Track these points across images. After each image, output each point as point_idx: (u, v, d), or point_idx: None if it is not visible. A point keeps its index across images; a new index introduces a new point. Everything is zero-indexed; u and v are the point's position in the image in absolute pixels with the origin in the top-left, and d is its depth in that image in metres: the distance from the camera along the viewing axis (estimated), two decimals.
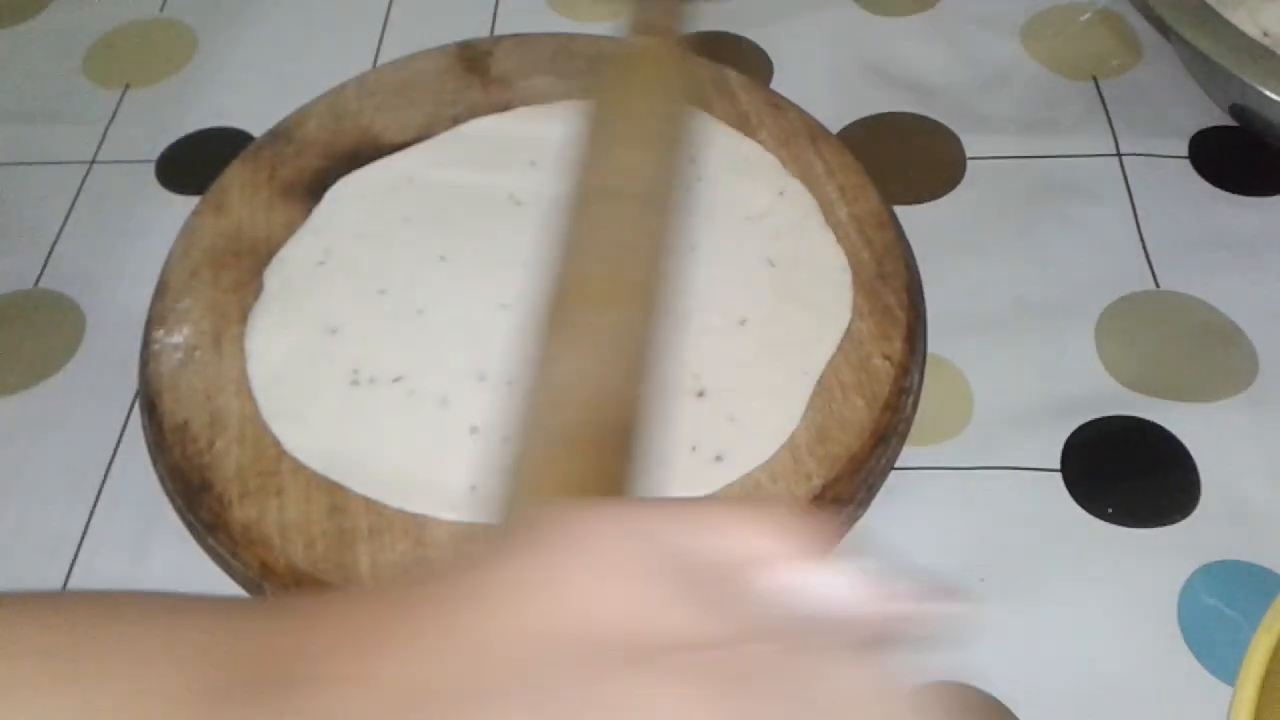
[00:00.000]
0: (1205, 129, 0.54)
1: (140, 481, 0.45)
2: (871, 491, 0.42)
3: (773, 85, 0.56)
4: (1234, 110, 0.53)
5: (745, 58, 0.58)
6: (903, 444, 0.43)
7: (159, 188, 0.55)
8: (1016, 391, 0.46)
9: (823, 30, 0.60)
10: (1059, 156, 0.54)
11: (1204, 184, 0.52)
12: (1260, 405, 0.45)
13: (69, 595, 0.39)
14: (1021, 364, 0.47)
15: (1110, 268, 0.50)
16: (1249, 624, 0.39)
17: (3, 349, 0.50)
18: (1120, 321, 0.48)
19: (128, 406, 0.47)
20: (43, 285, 0.52)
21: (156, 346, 0.45)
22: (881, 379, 0.42)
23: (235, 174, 0.51)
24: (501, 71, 0.54)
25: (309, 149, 0.51)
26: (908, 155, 0.54)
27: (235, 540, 0.40)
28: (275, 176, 0.50)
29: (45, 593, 0.40)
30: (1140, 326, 0.48)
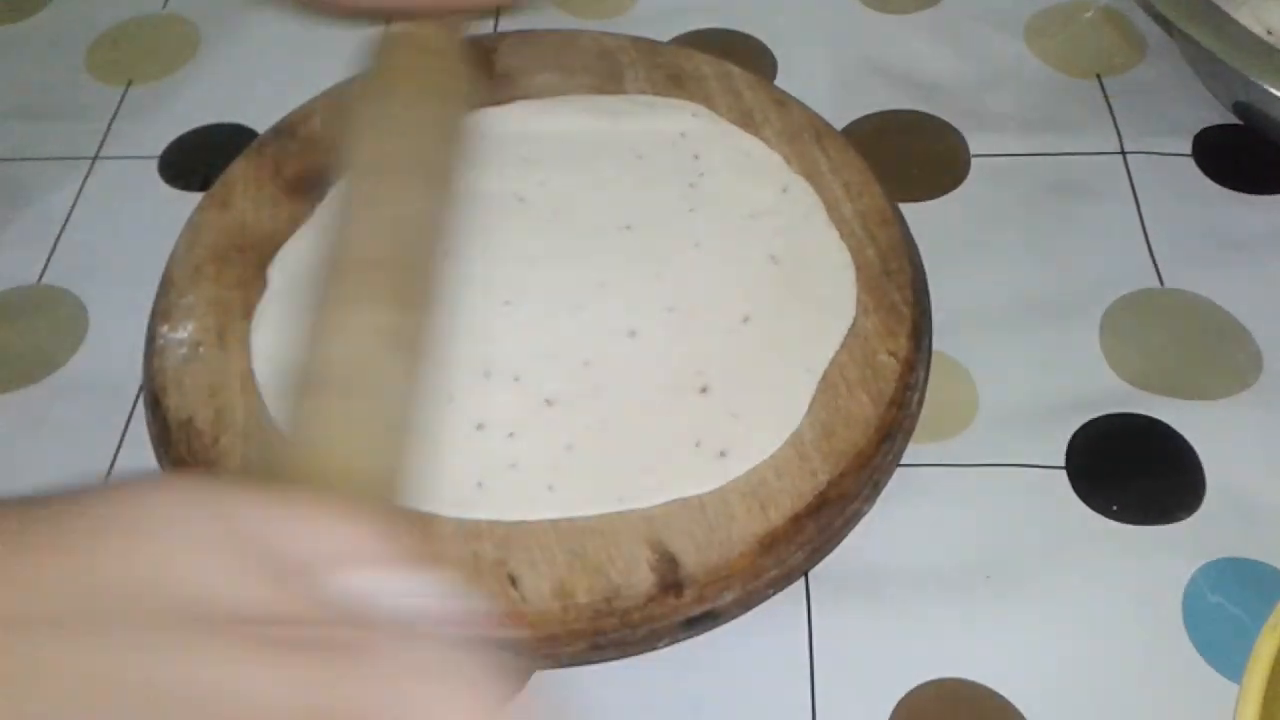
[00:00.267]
0: (1209, 127, 0.54)
1: None
2: (877, 488, 0.42)
3: (777, 82, 0.56)
4: (1238, 108, 0.53)
5: (749, 54, 0.58)
6: (908, 441, 0.43)
7: (162, 184, 0.55)
8: (1021, 389, 0.46)
9: (827, 27, 0.60)
10: (1063, 154, 0.54)
11: (1208, 182, 0.52)
12: (1265, 403, 0.45)
13: None
14: (1026, 361, 0.47)
15: (1114, 265, 0.50)
16: (1254, 621, 0.39)
17: (6, 345, 0.50)
18: (1125, 319, 0.48)
19: (131, 402, 0.47)
20: (46, 281, 0.52)
21: (161, 342, 0.45)
22: (887, 376, 0.42)
23: (239, 170, 0.50)
24: (505, 68, 0.54)
25: (313, 145, 0.51)
26: (912, 152, 0.54)
27: None
28: (279, 173, 0.50)
29: None
30: (1145, 324, 0.48)
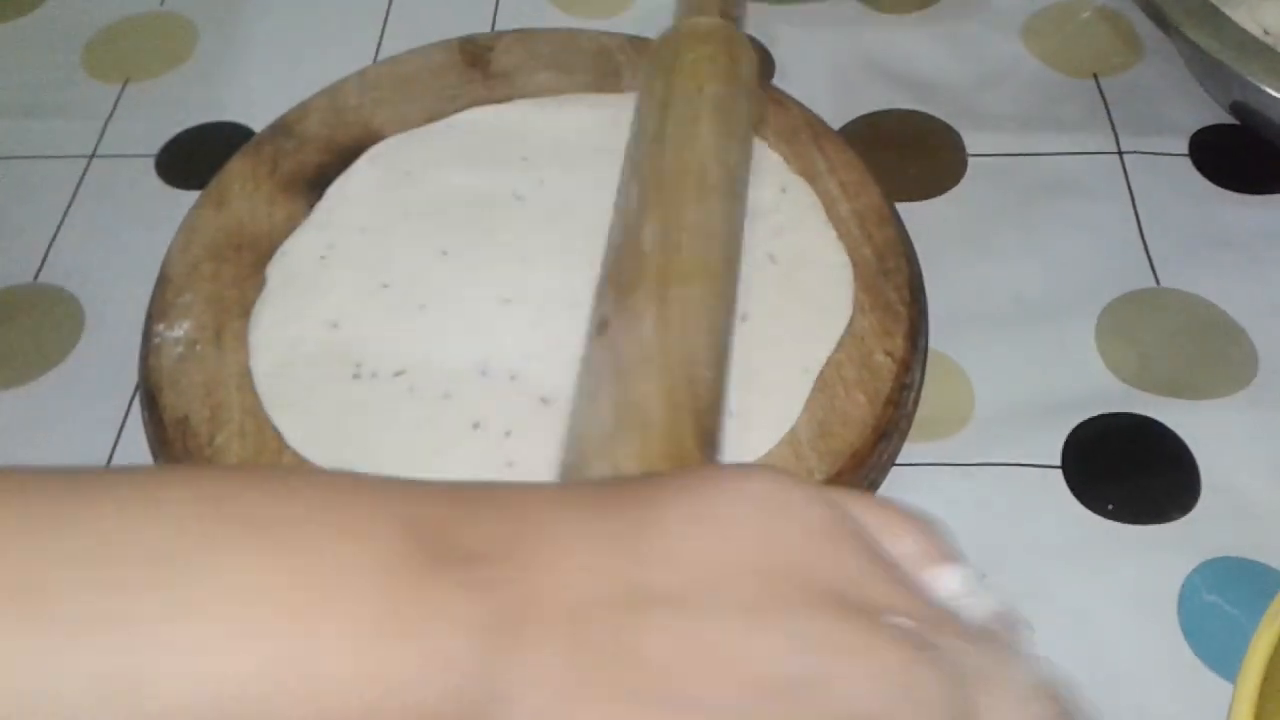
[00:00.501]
0: (1206, 127, 0.54)
1: None
2: (873, 487, 0.42)
3: (774, 82, 0.56)
4: (1235, 108, 0.53)
5: None
6: (904, 440, 0.43)
7: (159, 182, 0.55)
8: (1017, 388, 0.46)
9: (824, 27, 0.60)
10: (1060, 154, 0.54)
11: (1204, 182, 0.52)
12: (1260, 403, 0.45)
13: (257, 469, 0.39)
14: (1022, 361, 0.47)
15: (1111, 265, 0.50)
16: (1249, 621, 0.39)
17: (2, 343, 0.49)
18: (1121, 319, 0.48)
19: (128, 401, 0.47)
20: (42, 280, 0.52)
21: (157, 340, 0.45)
22: (883, 375, 0.42)
23: (236, 168, 0.50)
24: (503, 67, 0.54)
25: (309, 144, 0.51)
26: (909, 152, 0.54)
27: None
28: (276, 171, 0.50)
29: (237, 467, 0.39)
30: (1141, 324, 0.48)
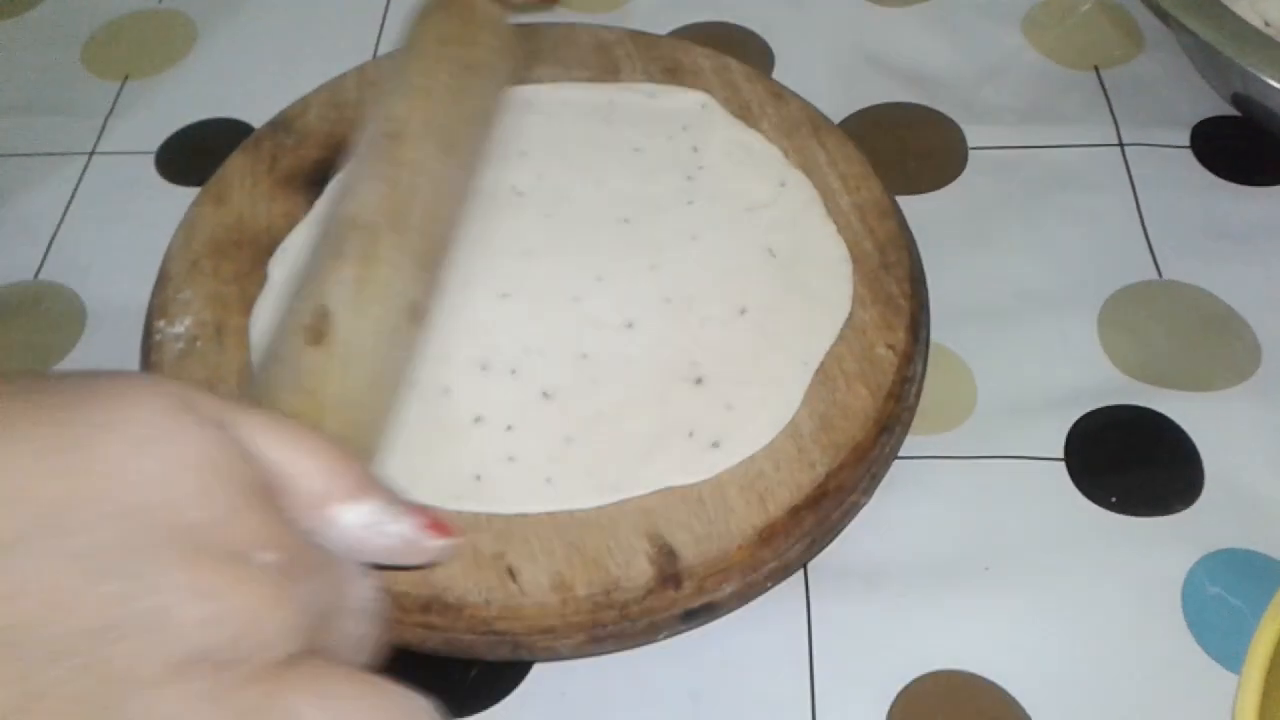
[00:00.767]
0: (1207, 118, 0.54)
1: None
2: (875, 480, 0.42)
3: (774, 75, 0.56)
4: (1236, 99, 0.53)
5: (746, 48, 0.58)
6: (906, 433, 0.43)
7: (159, 178, 0.55)
8: (1019, 381, 0.46)
9: (824, 20, 0.60)
10: (1061, 146, 0.54)
11: (1206, 174, 0.52)
12: (1263, 394, 0.45)
13: None
14: (1024, 353, 0.47)
15: (1113, 257, 0.50)
16: (1253, 612, 0.39)
17: (3, 341, 0.49)
18: (1123, 311, 0.48)
19: None
20: (43, 277, 0.52)
21: (158, 337, 0.45)
22: (885, 368, 0.42)
23: (235, 165, 0.50)
24: None
25: (309, 139, 0.51)
26: (909, 145, 0.54)
27: None
28: (275, 167, 0.50)
29: None
30: (1143, 316, 0.48)
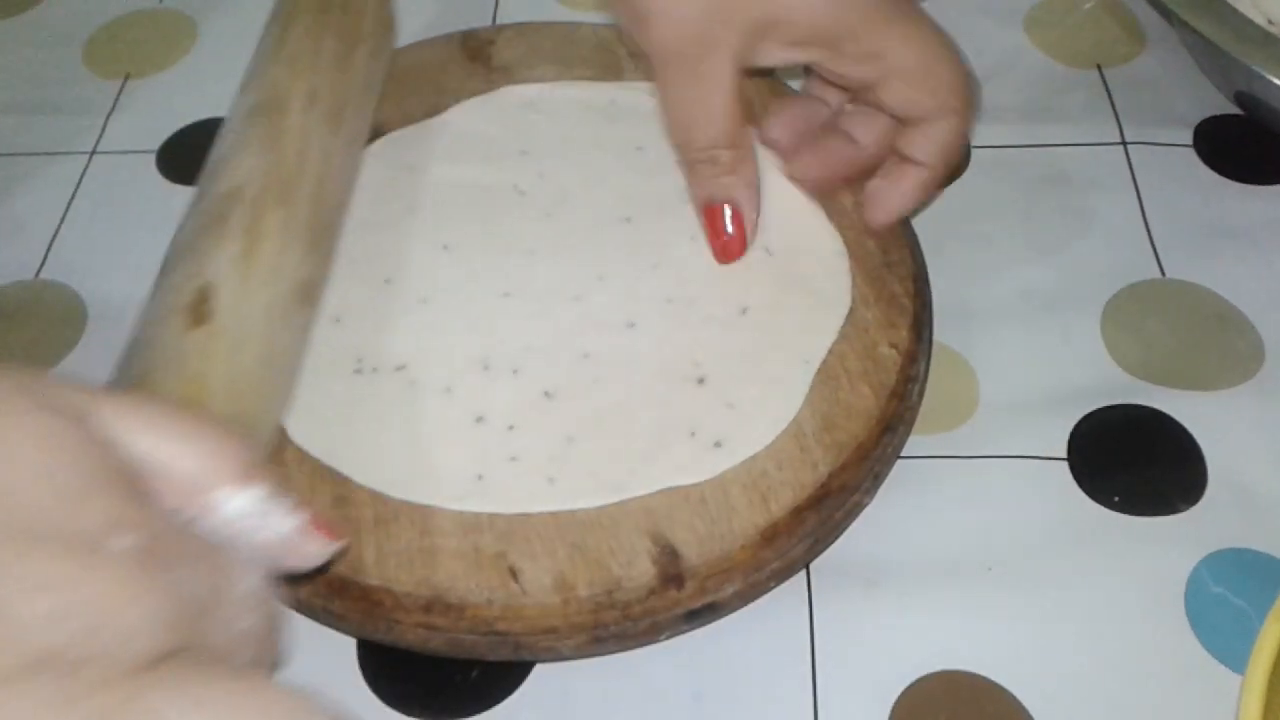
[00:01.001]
0: (1210, 117, 0.54)
1: None
2: (878, 480, 0.42)
3: (775, 73, 0.56)
4: (1239, 98, 0.53)
5: None
6: (909, 432, 0.43)
7: (160, 178, 0.55)
8: (1022, 380, 0.46)
9: None
10: (1063, 145, 0.54)
11: (1209, 172, 0.52)
12: (1267, 393, 0.45)
13: None
14: (1027, 353, 0.47)
15: (1116, 256, 0.49)
16: (1257, 612, 0.39)
17: (3, 340, 0.49)
18: (1126, 310, 0.48)
19: None
20: (43, 276, 0.51)
21: None
22: (888, 367, 0.42)
23: None
24: (504, 61, 0.54)
25: None
26: None
27: None
28: None
29: None
30: (1146, 315, 0.47)
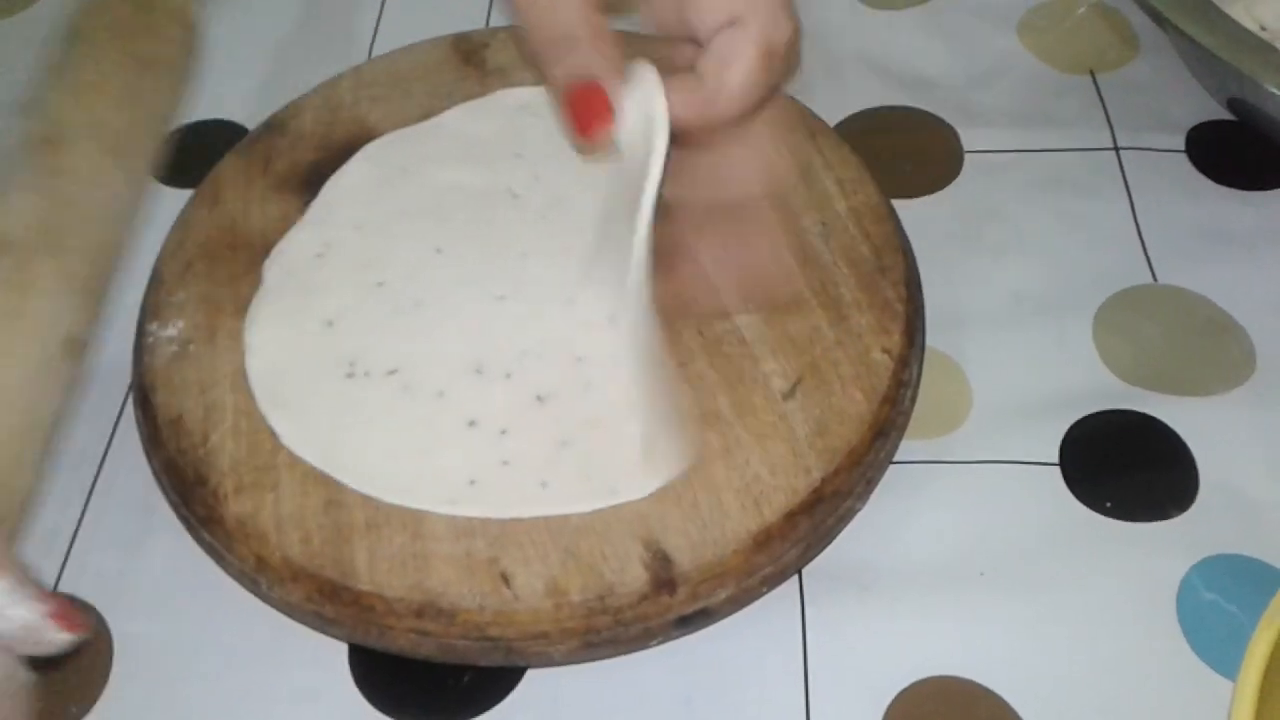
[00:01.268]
0: (1202, 123, 0.54)
1: (134, 476, 0.44)
2: (870, 485, 0.42)
3: None
4: (1231, 104, 0.53)
5: None
6: (901, 438, 0.43)
7: (152, 180, 0.55)
8: (1015, 386, 0.46)
9: (820, 23, 0.60)
10: (1056, 150, 0.54)
11: (1201, 178, 0.52)
12: (1258, 399, 0.45)
13: None
14: (1020, 358, 0.47)
15: (1108, 262, 0.50)
16: (1248, 618, 0.39)
17: None
18: (1118, 316, 0.48)
19: (121, 400, 0.47)
20: None
21: (150, 339, 0.45)
22: (880, 373, 0.42)
23: (229, 167, 0.50)
24: (498, 64, 0.53)
25: (303, 141, 0.51)
26: (905, 149, 0.54)
27: (230, 535, 0.40)
28: (269, 169, 0.50)
29: None
30: (1138, 321, 0.48)
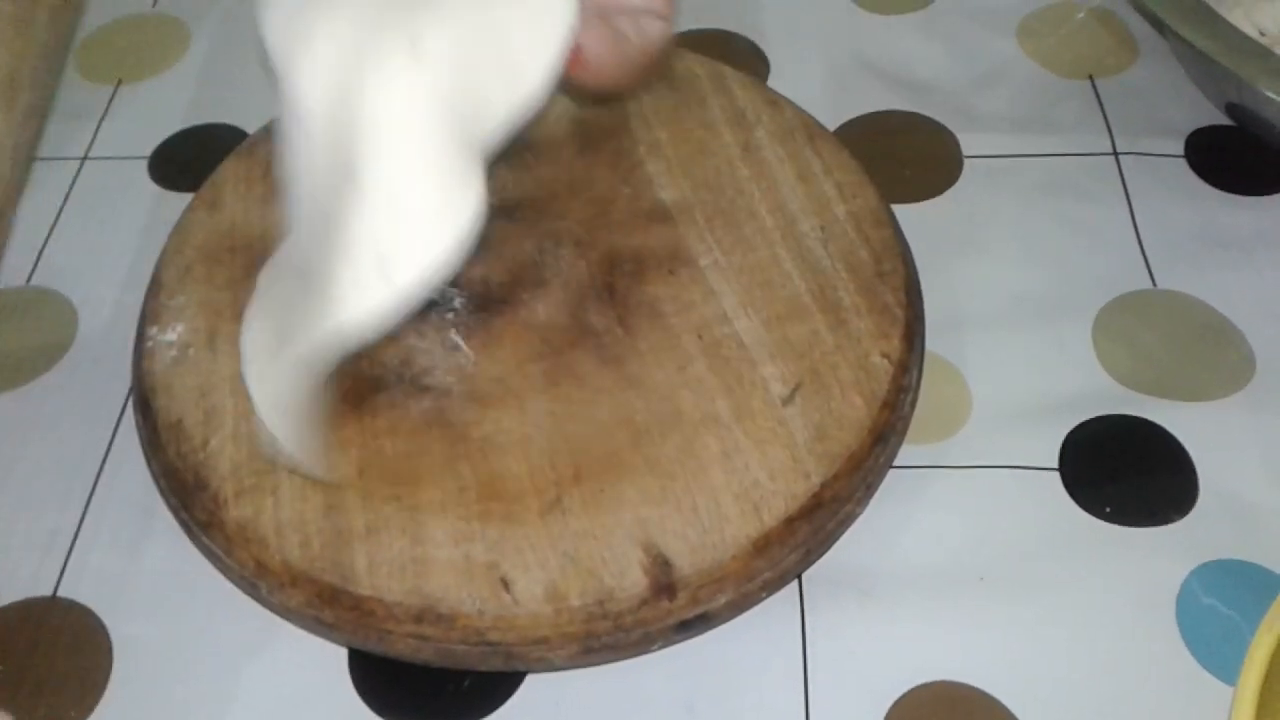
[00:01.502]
0: (1201, 128, 0.54)
1: (134, 480, 0.44)
2: (870, 490, 0.42)
3: (769, 82, 0.56)
4: (1230, 109, 0.53)
5: (741, 55, 0.58)
6: (901, 442, 0.43)
7: (152, 184, 0.55)
8: (1014, 390, 0.46)
9: (819, 27, 0.60)
10: (1055, 155, 0.54)
11: (1200, 183, 0.52)
12: (1257, 404, 0.45)
13: None
14: (1019, 363, 0.47)
15: (1107, 267, 0.50)
16: (1247, 623, 0.39)
17: None
18: (1117, 320, 0.48)
19: (121, 404, 0.47)
20: (35, 283, 0.51)
21: (150, 344, 0.45)
22: (880, 377, 0.42)
23: (229, 170, 0.50)
24: None
25: None
26: (904, 154, 0.54)
27: (230, 539, 0.40)
28: (269, 173, 0.50)
29: None
30: (1137, 325, 0.48)
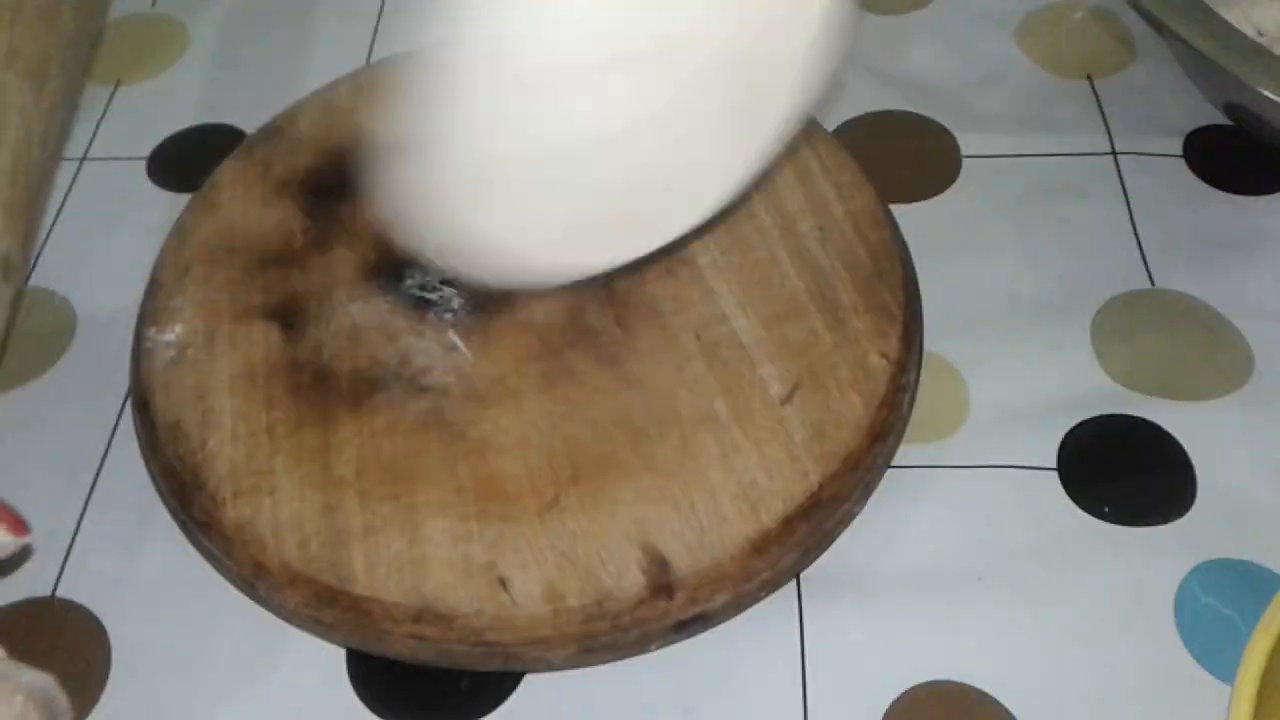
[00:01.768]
0: (1200, 128, 0.54)
1: (132, 481, 0.44)
2: (868, 490, 0.42)
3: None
4: (1229, 109, 0.53)
5: None
6: (899, 442, 0.43)
7: (150, 185, 0.55)
8: (1013, 390, 0.46)
9: None
10: (1054, 155, 0.54)
11: (1199, 183, 0.52)
12: (1256, 403, 0.45)
13: None
14: (1017, 362, 0.47)
15: (1106, 266, 0.50)
16: (1246, 623, 0.39)
17: None
18: (1116, 320, 0.48)
19: (119, 405, 0.47)
20: (33, 283, 0.51)
21: (148, 345, 0.45)
22: (878, 377, 0.42)
23: (227, 171, 0.50)
24: None
25: (302, 146, 0.51)
26: (903, 153, 0.54)
27: (228, 540, 0.40)
28: (268, 174, 0.50)
29: None
30: (1136, 325, 0.48)
